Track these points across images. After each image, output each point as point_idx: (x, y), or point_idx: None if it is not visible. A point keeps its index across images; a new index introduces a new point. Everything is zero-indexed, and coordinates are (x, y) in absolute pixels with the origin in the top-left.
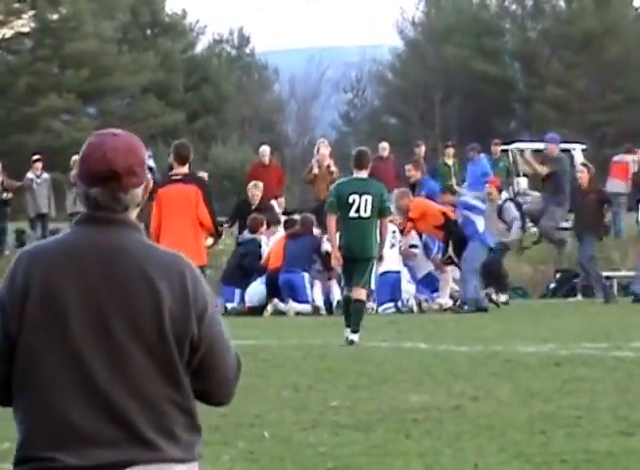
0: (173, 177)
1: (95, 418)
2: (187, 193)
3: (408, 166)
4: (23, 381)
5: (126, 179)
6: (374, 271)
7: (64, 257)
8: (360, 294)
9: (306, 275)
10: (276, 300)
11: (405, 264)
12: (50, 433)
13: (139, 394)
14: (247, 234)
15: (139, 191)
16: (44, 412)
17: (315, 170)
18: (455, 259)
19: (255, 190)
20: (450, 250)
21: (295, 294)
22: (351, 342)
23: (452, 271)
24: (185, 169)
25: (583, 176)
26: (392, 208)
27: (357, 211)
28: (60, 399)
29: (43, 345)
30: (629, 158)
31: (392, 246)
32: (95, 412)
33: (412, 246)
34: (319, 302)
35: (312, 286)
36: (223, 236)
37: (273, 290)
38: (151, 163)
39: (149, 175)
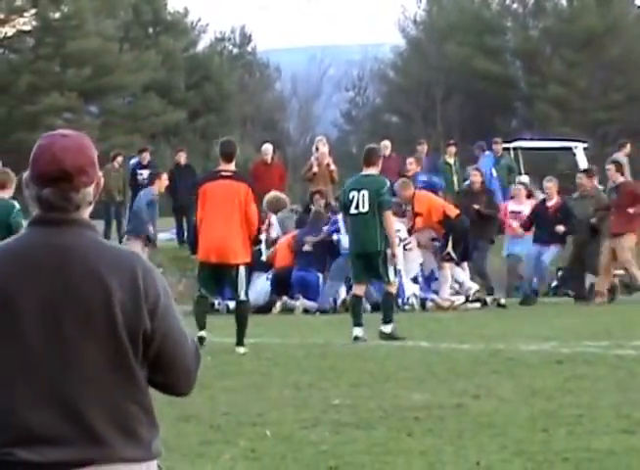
0: (222, 173)
1: (51, 418)
2: (237, 190)
3: (410, 160)
4: None
5: (77, 179)
6: (389, 265)
7: (17, 258)
8: (389, 287)
9: (321, 276)
10: (285, 297)
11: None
12: (7, 430)
13: (95, 393)
14: None
15: (90, 190)
16: (3, 412)
17: (315, 168)
18: (454, 256)
19: None
20: (449, 247)
21: (306, 292)
22: (382, 333)
23: (451, 268)
24: (232, 167)
25: (475, 179)
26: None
27: (357, 207)
28: (17, 399)
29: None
30: (621, 155)
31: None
32: (51, 412)
33: (434, 239)
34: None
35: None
36: None
37: (279, 288)
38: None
39: (100, 173)
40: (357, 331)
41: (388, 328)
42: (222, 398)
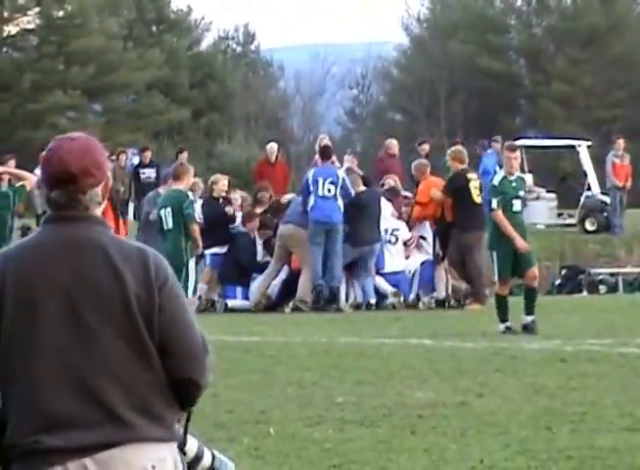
0: None
1: (74, 403)
2: None
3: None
4: (6, 374)
5: (83, 180)
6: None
7: (33, 255)
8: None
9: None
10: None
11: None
12: (32, 419)
13: (115, 377)
14: (239, 227)
15: (98, 190)
16: (26, 401)
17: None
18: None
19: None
20: (437, 248)
21: None
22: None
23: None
24: None
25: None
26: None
27: None
28: (39, 388)
29: (21, 339)
30: (610, 154)
31: (389, 242)
32: (73, 397)
33: (422, 237)
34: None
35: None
36: None
37: (293, 289)
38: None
39: (108, 173)
40: (501, 327)
41: (526, 320)
42: (225, 396)
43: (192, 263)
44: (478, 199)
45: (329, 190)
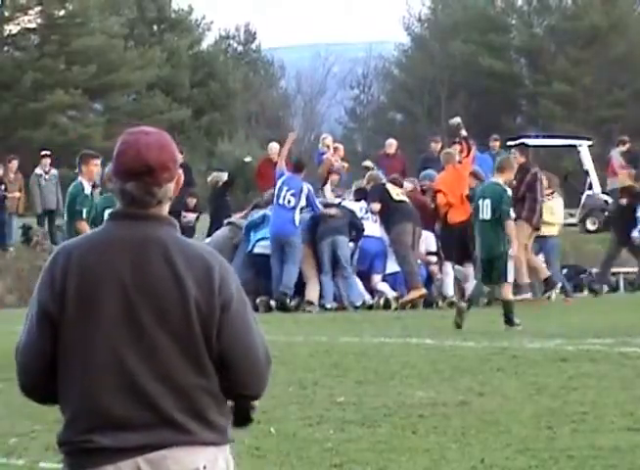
0: None
1: (127, 404)
2: None
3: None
4: (64, 373)
5: (160, 174)
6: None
7: (96, 252)
8: None
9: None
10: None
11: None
12: (85, 418)
13: (168, 380)
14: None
15: (171, 186)
16: (81, 400)
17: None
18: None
19: None
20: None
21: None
22: None
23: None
24: None
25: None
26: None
27: None
28: (95, 388)
29: (80, 338)
30: (614, 151)
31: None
32: (127, 399)
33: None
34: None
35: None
36: None
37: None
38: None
39: (180, 170)
40: None
41: None
42: None
43: (510, 252)
44: (397, 197)
45: (289, 201)
